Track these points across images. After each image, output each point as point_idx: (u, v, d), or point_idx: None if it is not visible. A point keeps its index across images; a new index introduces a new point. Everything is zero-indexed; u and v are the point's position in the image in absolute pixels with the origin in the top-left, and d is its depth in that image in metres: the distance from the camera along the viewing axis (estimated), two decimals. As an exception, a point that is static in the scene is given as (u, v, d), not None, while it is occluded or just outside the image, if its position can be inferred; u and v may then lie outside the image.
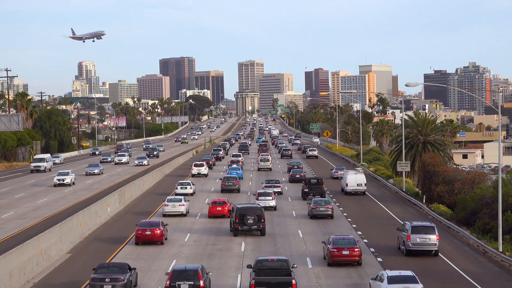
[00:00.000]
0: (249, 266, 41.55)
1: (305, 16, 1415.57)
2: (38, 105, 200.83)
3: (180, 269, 39.82)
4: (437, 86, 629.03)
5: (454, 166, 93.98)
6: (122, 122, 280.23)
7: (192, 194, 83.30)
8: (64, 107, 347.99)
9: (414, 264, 48.01)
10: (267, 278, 38.46)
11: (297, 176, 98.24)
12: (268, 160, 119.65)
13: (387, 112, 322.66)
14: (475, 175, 74.29)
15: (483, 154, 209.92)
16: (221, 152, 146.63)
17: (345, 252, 47.13)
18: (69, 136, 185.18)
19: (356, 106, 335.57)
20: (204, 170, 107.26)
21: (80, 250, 53.28)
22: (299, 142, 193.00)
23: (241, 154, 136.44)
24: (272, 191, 75.02)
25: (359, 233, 59.74)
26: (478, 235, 57.02)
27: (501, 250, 50.93)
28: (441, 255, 50.65)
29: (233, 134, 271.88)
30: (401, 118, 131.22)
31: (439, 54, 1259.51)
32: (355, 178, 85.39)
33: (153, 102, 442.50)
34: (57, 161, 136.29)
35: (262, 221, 58.18)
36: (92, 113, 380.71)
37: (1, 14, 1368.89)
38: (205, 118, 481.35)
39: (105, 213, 67.32)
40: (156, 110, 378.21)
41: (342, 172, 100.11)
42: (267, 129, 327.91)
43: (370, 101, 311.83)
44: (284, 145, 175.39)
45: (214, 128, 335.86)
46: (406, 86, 62.74)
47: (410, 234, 50.72)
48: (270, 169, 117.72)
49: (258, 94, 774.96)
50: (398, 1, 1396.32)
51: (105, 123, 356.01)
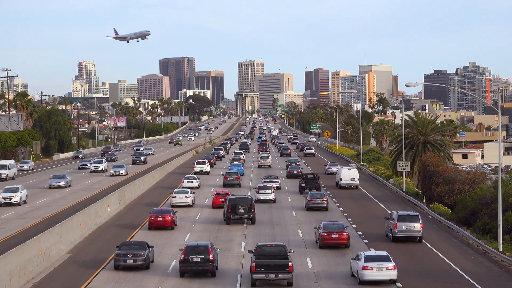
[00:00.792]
0: (250, 251, 44.95)
1: (305, 16, 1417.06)
2: (38, 105, 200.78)
3: (192, 245, 45.61)
4: (437, 86, 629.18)
5: (454, 166, 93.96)
6: (122, 122, 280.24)
7: (197, 188, 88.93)
8: (64, 107, 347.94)
9: (399, 248, 52.84)
10: (266, 261, 42.16)
11: (294, 172, 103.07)
12: (268, 157, 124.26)
13: (387, 112, 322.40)
14: (475, 175, 74.26)
15: (483, 154, 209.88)
16: (222, 151, 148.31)
17: (334, 236, 52.36)
18: (69, 136, 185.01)
19: (356, 106, 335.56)
20: (206, 168, 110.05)
21: (80, 250, 53.29)
22: (298, 141, 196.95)
23: (242, 152, 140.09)
24: (271, 185, 79.86)
25: (350, 220, 65.35)
26: (478, 235, 57.02)
27: (501, 250, 50.94)
28: (442, 256, 50.75)
29: (233, 134, 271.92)
30: (401, 118, 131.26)
31: (439, 54, 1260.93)
32: (349, 173, 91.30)
33: (153, 102, 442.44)
34: (26, 167, 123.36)
35: (252, 210, 63.48)
36: (92, 113, 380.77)
37: (1, 14, 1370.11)
38: (205, 118, 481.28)
39: (105, 213, 67.33)
40: (156, 110, 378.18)
41: (336, 168, 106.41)
42: (267, 128, 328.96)
43: (370, 101, 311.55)
44: (283, 144, 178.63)
45: (212, 129, 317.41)
46: (406, 86, 62.80)
47: (396, 222, 55.48)
48: (270, 166, 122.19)
49: (258, 94, 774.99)
50: (398, 1, 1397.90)
51: (105, 123, 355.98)
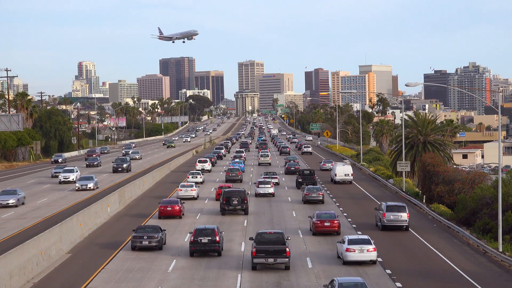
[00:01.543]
0: (251, 239, 48.66)
1: (305, 16, 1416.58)
2: (38, 105, 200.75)
3: (201, 228, 51.01)
4: (437, 86, 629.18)
5: (454, 166, 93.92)
6: (122, 122, 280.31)
7: (201, 183, 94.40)
8: (64, 107, 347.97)
9: (387, 236, 58.19)
10: (266, 247, 45.72)
11: (292, 168, 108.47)
12: (267, 155, 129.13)
13: (387, 112, 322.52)
14: (475, 175, 74.20)
15: (483, 154, 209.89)
16: (222, 150, 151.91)
17: (326, 223, 57.14)
18: (69, 136, 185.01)
19: (356, 106, 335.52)
20: (207, 166, 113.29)
21: (80, 250, 53.28)
22: (297, 141, 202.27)
23: (243, 150, 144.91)
24: (271, 181, 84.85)
25: (343, 212, 70.83)
26: (478, 235, 57.00)
27: (501, 250, 50.92)
28: (442, 256, 50.82)
29: (233, 134, 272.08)
30: (401, 118, 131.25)
31: (439, 54, 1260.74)
32: (343, 169, 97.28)
33: (153, 102, 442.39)
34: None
35: (245, 202, 68.35)
36: (92, 113, 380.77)
37: (1, 14, 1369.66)
38: (205, 118, 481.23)
39: (105, 213, 67.32)
40: (156, 110, 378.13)
41: (330, 164, 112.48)
42: (266, 128, 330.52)
43: (370, 101, 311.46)
44: (283, 143, 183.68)
45: (210, 131, 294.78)
46: (406, 86, 62.81)
47: (385, 212, 60.05)
48: (270, 163, 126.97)
49: (258, 94, 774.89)
50: (398, 1, 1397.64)
51: (105, 123, 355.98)
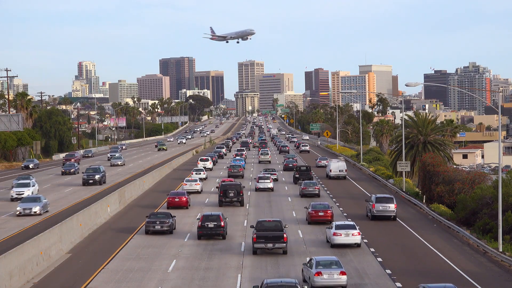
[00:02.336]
0: (252, 226, 53.24)
1: (305, 16, 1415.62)
2: (38, 105, 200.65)
3: (207, 214, 57.36)
4: (437, 86, 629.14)
5: (454, 166, 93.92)
6: (122, 122, 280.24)
7: (205, 179, 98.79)
8: (64, 107, 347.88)
9: (375, 224, 64.52)
10: (265, 233, 50.31)
11: (290, 165, 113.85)
12: (267, 153, 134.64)
13: (387, 112, 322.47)
14: (475, 175, 74.20)
15: (483, 154, 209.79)
16: (223, 149, 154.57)
17: (320, 213, 62.49)
18: (69, 136, 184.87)
19: (356, 106, 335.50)
20: (209, 164, 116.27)
21: (80, 250, 53.28)
22: (296, 140, 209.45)
23: (244, 149, 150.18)
24: (270, 176, 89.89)
25: (337, 204, 77.37)
26: (478, 235, 56.99)
27: (501, 250, 50.92)
28: (442, 256, 50.88)
29: (233, 134, 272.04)
30: (401, 118, 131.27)
31: (439, 54, 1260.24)
32: (337, 165, 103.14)
33: (153, 102, 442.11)
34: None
35: (241, 194, 74.25)
36: (92, 113, 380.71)
37: (1, 14, 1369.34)
38: (205, 118, 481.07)
39: (105, 213, 67.31)
40: (156, 110, 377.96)
41: (325, 161, 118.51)
42: (266, 128, 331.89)
43: (370, 101, 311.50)
44: (282, 142, 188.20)
45: (208, 132, 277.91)
46: (406, 86, 62.86)
47: (374, 203, 65.23)
48: (269, 161, 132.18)
49: (258, 94, 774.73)
50: (398, 1, 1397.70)
51: (105, 123, 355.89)
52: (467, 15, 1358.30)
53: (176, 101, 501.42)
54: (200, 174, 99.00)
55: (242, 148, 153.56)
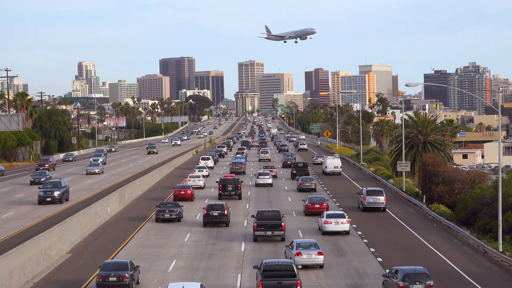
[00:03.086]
0: (252, 216, 57.51)
1: (305, 16, 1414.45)
2: (38, 105, 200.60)
3: (212, 203, 63.36)
4: (437, 86, 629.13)
5: (454, 166, 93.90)
6: (122, 122, 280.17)
7: (207, 176, 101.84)
8: (64, 107, 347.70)
9: (366, 215, 69.66)
10: (265, 222, 55.11)
11: (288, 162, 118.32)
12: (267, 152, 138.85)
13: (387, 112, 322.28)
14: (475, 175, 74.19)
15: (483, 154, 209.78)
16: (224, 148, 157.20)
17: (316, 205, 66.91)
18: (69, 136, 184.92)
19: (356, 106, 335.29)
20: (210, 163, 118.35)
21: (80, 250, 53.26)
22: (295, 139, 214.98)
23: (244, 147, 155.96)
24: (269, 172, 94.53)
25: (333, 197, 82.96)
26: (478, 235, 56.99)
27: (501, 250, 50.92)
28: (442, 256, 50.86)
29: (233, 133, 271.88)
30: (401, 118, 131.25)
31: (439, 54, 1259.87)
32: (333, 162, 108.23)
33: (153, 102, 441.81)
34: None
35: (239, 188, 79.20)
36: (92, 113, 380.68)
37: (1, 14, 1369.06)
38: (205, 118, 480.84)
39: (105, 213, 67.30)
40: (156, 110, 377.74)
41: (321, 159, 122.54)
42: (266, 127, 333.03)
43: (370, 101, 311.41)
44: (281, 142, 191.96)
45: (205, 133, 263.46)
46: (406, 86, 62.86)
47: (365, 196, 70.61)
48: (269, 159, 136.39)
49: (258, 94, 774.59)
50: (398, 1, 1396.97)
51: (105, 123, 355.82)
52: (467, 15, 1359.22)
53: (176, 101, 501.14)
54: (202, 171, 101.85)
55: (243, 147, 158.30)
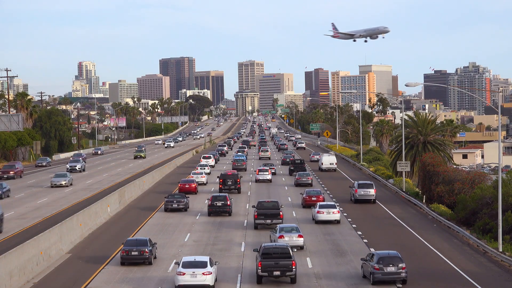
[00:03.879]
0: (253, 206, 63.44)
1: (305, 16, 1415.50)
2: (38, 105, 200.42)
3: (216, 195, 69.13)
4: (437, 86, 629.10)
5: (454, 166, 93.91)
6: (122, 122, 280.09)
7: (208, 174, 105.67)
8: (64, 107, 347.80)
9: (358, 207, 75.09)
10: (264, 211, 60.79)
11: (287, 160, 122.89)
12: (267, 150, 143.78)
13: (387, 112, 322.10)
14: (475, 175, 74.20)
15: (483, 154, 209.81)
16: (225, 147, 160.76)
17: (313, 198, 71.93)
18: (69, 136, 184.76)
19: (356, 106, 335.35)
20: (211, 162, 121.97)
21: (80, 250, 53.26)
22: (294, 139, 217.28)
23: (245, 146, 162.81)
24: (269, 168, 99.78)
25: (327, 190, 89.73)
26: (478, 235, 56.99)
27: (501, 250, 50.92)
28: (442, 256, 50.87)
29: (233, 133, 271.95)
30: (401, 118, 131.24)
31: (439, 54, 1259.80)
32: (328, 159, 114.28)
33: (153, 102, 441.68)
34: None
35: (238, 183, 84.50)
36: (92, 113, 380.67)
37: (1, 14, 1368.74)
38: (205, 118, 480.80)
39: (105, 213, 67.32)
40: (156, 110, 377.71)
41: (318, 156, 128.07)
42: (266, 127, 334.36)
43: (370, 101, 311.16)
44: (281, 141, 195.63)
45: (202, 135, 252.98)
46: (406, 86, 62.85)
47: (357, 188, 76.06)
48: (269, 158, 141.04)
49: (258, 94, 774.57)
50: (398, 1, 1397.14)
51: (105, 123, 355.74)
52: (467, 15, 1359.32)
53: (176, 101, 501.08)
54: (204, 169, 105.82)
55: (243, 146, 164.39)
